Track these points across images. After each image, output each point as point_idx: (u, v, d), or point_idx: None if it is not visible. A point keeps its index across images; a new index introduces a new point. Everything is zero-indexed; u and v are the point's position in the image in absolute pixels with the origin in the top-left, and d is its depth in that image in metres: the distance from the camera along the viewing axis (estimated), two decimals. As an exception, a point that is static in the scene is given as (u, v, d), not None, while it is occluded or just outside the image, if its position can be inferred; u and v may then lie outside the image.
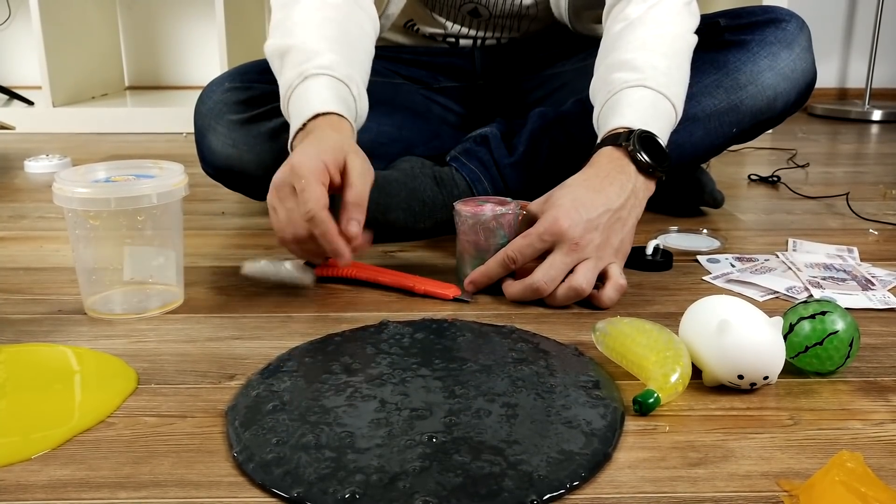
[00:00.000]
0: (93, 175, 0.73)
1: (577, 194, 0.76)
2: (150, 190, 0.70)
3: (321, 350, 0.64)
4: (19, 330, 0.70)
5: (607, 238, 0.75)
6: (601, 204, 0.75)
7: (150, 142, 1.87)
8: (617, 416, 0.53)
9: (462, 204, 0.80)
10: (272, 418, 0.53)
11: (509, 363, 0.61)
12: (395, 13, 1.02)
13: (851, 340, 0.59)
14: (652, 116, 0.81)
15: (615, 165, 0.78)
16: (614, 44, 0.87)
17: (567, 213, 0.74)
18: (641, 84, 0.82)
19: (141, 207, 0.70)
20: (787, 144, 1.78)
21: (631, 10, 0.88)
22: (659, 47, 0.85)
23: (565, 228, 0.73)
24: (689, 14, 0.90)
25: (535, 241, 0.74)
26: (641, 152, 0.77)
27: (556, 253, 0.74)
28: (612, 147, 0.79)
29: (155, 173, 0.74)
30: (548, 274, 0.74)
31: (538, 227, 0.74)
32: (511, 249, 0.76)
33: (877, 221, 1.08)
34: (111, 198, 0.68)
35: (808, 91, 1.04)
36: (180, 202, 0.74)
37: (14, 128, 1.68)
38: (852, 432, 0.53)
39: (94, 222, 0.70)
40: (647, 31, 0.86)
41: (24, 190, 1.32)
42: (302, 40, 0.85)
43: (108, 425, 0.54)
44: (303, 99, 0.81)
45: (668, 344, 0.59)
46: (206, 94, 1.04)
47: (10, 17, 2.46)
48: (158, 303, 0.75)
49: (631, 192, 0.77)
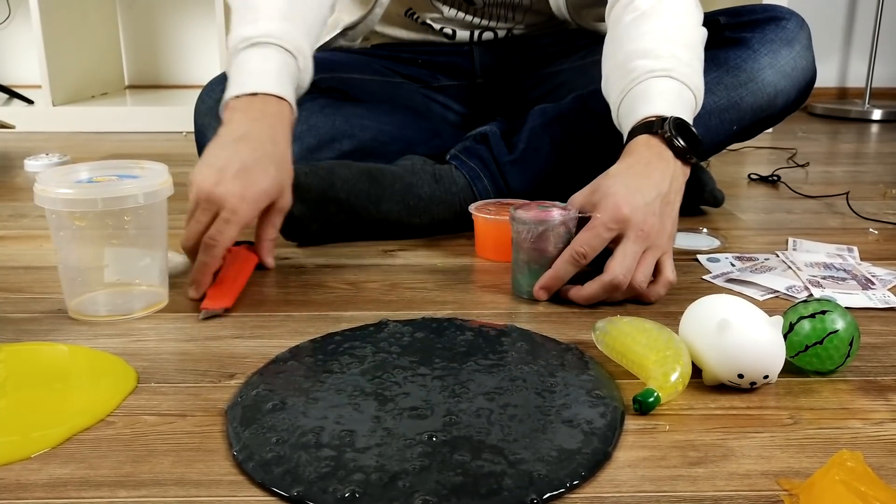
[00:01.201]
0: (75, 176, 0.73)
1: (628, 181, 0.75)
2: (137, 190, 0.69)
3: (321, 349, 0.64)
4: (19, 329, 0.70)
5: (664, 224, 0.75)
6: (653, 188, 0.75)
7: (150, 140, 1.87)
8: (617, 415, 0.53)
9: (522, 210, 0.77)
10: (272, 417, 0.53)
11: (509, 362, 0.61)
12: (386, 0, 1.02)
13: (851, 339, 0.59)
14: (680, 106, 0.81)
15: (654, 152, 0.78)
16: (628, 33, 0.87)
17: (626, 199, 0.73)
18: (667, 74, 0.82)
19: (127, 207, 0.70)
20: (788, 144, 1.78)
21: (640, 2, 0.88)
22: (679, 38, 0.85)
23: (628, 214, 0.72)
24: (697, 7, 0.90)
25: (602, 230, 0.73)
26: (678, 138, 0.77)
27: (625, 242, 0.73)
28: (647, 135, 0.79)
29: (138, 173, 0.74)
30: (623, 265, 0.72)
31: (602, 217, 0.73)
32: (578, 244, 0.74)
33: (877, 221, 1.08)
34: (98, 198, 0.68)
35: (808, 89, 1.04)
36: (165, 202, 0.74)
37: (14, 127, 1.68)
38: (852, 431, 0.53)
39: (79, 223, 0.70)
40: (664, 22, 0.86)
41: (24, 189, 1.32)
42: (254, 4, 0.85)
43: (107, 424, 0.54)
44: (245, 69, 0.83)
45: (667, 343, 0.59)
46: (206, 93, 1.04)
47: (10, 16, 2.46)
48: (143, 304, 0.74)
49: (672, 177, 0.77)
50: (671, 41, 0.84)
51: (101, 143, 1.84)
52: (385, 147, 1.06)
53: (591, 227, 0.74)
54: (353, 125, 1.04)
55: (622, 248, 0.73)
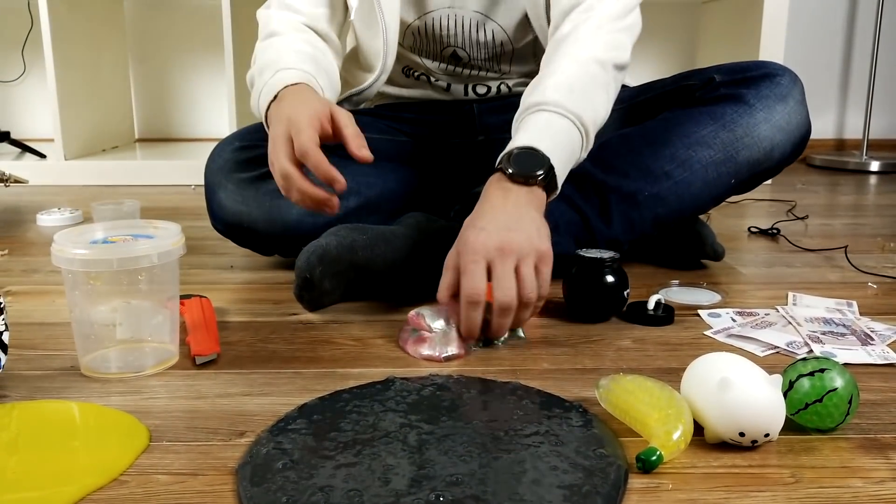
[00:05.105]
0: (91, 235, 0.75)
1: (472, 221, 0.81)
2: (152, 250, 0.71)
3: (329, 407, 0.65)
4: (33, 386, 0.71)
5: (520, 229, 0.78)
6: (497, 212, 0.80)
7: (160, 194, 1.90)
8: (621, 473, 0.54)
9: None
10: (282, 476, 0.54)
11: (514, 420, 0.62)
12: (390, 65, 1.08)
13: (850, 398, 0.60)
14: (546, 134, 0.86)
15: (496, 188, 0.84)
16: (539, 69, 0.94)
17: (472, 231, 0.79)
18: (539, 109, 0.87)
19: (141, 267, 0.72)
20: (787, 196, 1.80)
21: (560, 30, 0.94)
22: (566, 69, 0.90)
23: (481, 238, 0.77)
24: (614, 30, 0.94)
25: (469, 265, 0.76)
26: (511, 167, 0.83)
27: (493, 266, 0.76)
28: (495, 176, 0.85)
29: (152, 233, 0.76)
30: (500, 286, 0.76)
31: (463, 257, 0.77)
32: (463, 289, 0.77)
33: (875, 275, 1.10)
34: (113, 258, 0.70)
35: (804, 143, 1.07)
36: (178, 261, 0.76)
37: (27, 181, 1.71)
38: (853, 490, 0.53)
39: (94, 283, 0.72)
40: (560, 53, 0.92)
41: (37, 244, 1.35)
42: (276, 57, 0.97)
43: (120, 483, 0.55)
44: (273, 84, 0.92)
45: (669, 401, 0.60)
46: (217, 152, 1.07)
47: (25, 72, 2.53)
48: (154, 361, 0.76)
49: (514, 200, 0.82)
50: (557, 73, 0.89)
51: (111, 196, 1.87)
52: (390, 204, 1.09)
53: (462, 270, 0.77)
54: (359, 183, 1.06)
55: (493, 272, 0.77)
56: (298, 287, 0.91)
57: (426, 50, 1.13)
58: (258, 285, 1.07)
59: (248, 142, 1.07)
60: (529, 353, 0.79)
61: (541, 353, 0.80)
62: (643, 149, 1.01)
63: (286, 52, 0.97)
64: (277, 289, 1.04)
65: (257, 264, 1.17)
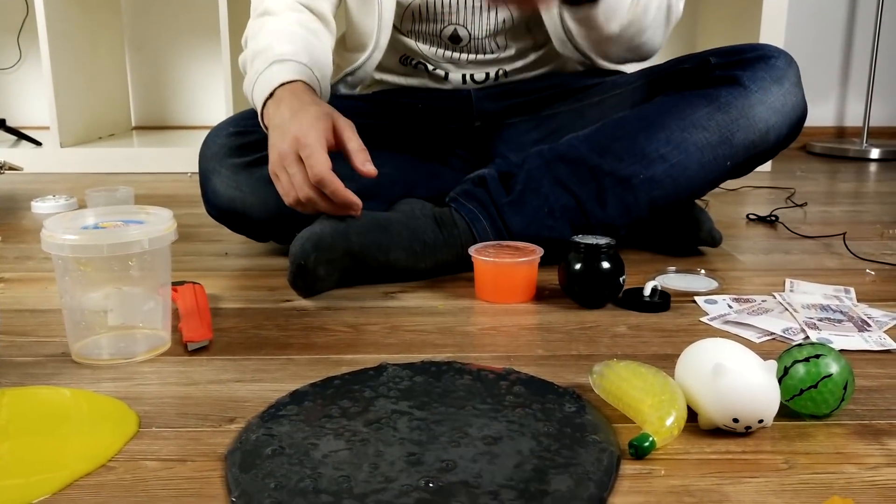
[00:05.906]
0: (81, 221, 0.74)
1: None
2: (142, 235, 0.71)
3: (320, 394, 0.65)
4: (24, 372, 0.71)
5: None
6: None
7: (156, 181, 1.89)
8: (613, 459, 0.54)
9: None
10: (271, 462, 0.53)
11: (507, 407, 0.62)
12: (383, 43, 1.09)
13: (845, 384, 0.60)
14: None
15: None
16: None
17: None
18: None
19: (132, 253, 0.71)
20: (786, 183, 1.79)
21: None
22: None
23: None
24: None
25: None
26: None
27: None
28: None
29: (143, 218, 0.75)
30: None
31: None
32: None
33: (874, 261, 1.09)
34: (104, 244, 0.69)
35: (800, 125, 1.06)
36: (169, 247, 0.75)
37: (22, 169, 1.70)
38: (847, 476, 0.53)
39: (84, 268, 0.71)
40: None
41: (31, 231, 1.34)
42: (269, 43, 0.97)
43: (108, 469, 0.54)
44: (267, 78, 0.94)
45: (663, 387, 0.59)
46: (210, 138, 1.07)
47: (21, 59, 2.51)
48: (145, 347, 0.75)
49: None
50: None
51: (107, 184, 1.86)
52: (386, 190, 1.08)
53: None
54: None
55: None
56: (292, 274, 0.90)
57: (425, 32, 1.12)
58: (253, 272, 1.06)
59: (242, 127, 1.06)
60: (524, 340, 0.79)
61: (535, 339, 0.79)
62: (638, 132, 1.01)
63: (280, 38, 0.96)
64: (272, 275, 1.04)
65: (252, 251, 1.17)
